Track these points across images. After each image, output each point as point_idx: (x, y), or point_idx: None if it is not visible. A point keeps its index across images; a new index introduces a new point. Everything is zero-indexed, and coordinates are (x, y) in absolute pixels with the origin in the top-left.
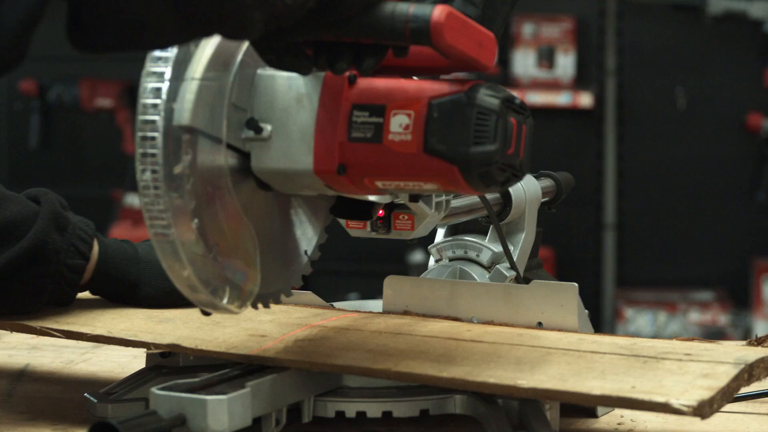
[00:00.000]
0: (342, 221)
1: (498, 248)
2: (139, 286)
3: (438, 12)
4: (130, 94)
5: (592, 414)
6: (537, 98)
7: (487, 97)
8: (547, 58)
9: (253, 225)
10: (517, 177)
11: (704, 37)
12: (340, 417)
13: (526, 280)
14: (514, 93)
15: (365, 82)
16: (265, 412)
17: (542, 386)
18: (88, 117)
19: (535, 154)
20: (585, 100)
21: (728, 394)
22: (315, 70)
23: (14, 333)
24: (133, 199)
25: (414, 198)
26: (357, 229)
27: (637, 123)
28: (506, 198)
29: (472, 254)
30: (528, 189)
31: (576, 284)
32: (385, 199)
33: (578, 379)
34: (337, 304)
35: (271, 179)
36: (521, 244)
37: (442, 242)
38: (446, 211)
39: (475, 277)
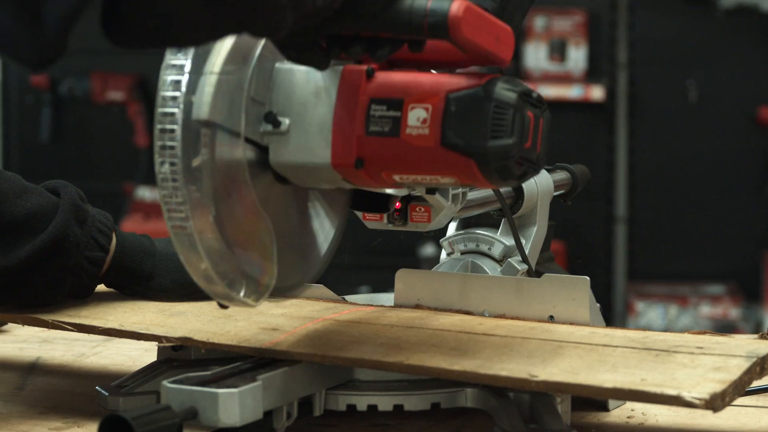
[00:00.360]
0: (359, 214)
1: (510, 242)
2: (154, 277)
3: (456, 6)
4: (142, 87)
5: (604, 407)
6: (548, 91)
7: (505, 91)
8: (558, 51)
9: (271, 218)
10: (534, 170)
11: (716, 31)
12: (351, 410)
13: (537, 274)
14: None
15: (383, 76)
16: (277, 406)
17: (554, 379)
18: (100, 110)
19: (547, 147)
20: (596, 93)
21: (740, 387)
22: (332, 62)
23: (25, 326)
24: (144, 193)
25: (431, 190)
26: (373, 221)
27: (649, 116)
28: (518, 191)
29: (483, 247)
30: (540, 182)
31: (587, 278)
32: (402, 191)
33: (590, 372)
34: (348, 298)
35: (288, 173)
36: (533, 238)
37: (454, 235)
38: (463, 203)
39: (487, 271)
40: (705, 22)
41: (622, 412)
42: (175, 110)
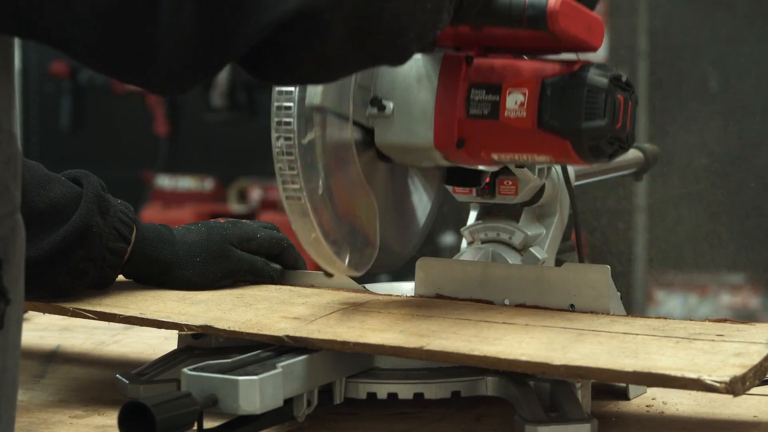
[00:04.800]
0: (449, 187)
1: (530, 231)
2: (174, 267)
3: (553, 0)
4: None
5: (624, 396)
6: None
7: (597, 76)
8: None
9: (374, 193)
10: (624, 149)
11: (738, 18)
12: (371, 398)
13: (558, 263)
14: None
15: (480, 62)
16: (297, 393)
17: (574, 364)
18: (119, 98)
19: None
20: None
21: (760, 373)
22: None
23: (45, 314)
24: (163, 181)
25: (520, 165)
26: (463, 195)
27: (669, 105)
28: None
29: (504, 237)
30: (561, 172)
31: (608, 266)
32: (494, 167)
33: (610, 358)
34: (369, 286)
35: (392, 152)
36: (554, 227)
37: (475, 225)
38: (547, 177)
39: (508, 260)
40: (727, 9)
41: (642, 400)
42: (292, 89)
